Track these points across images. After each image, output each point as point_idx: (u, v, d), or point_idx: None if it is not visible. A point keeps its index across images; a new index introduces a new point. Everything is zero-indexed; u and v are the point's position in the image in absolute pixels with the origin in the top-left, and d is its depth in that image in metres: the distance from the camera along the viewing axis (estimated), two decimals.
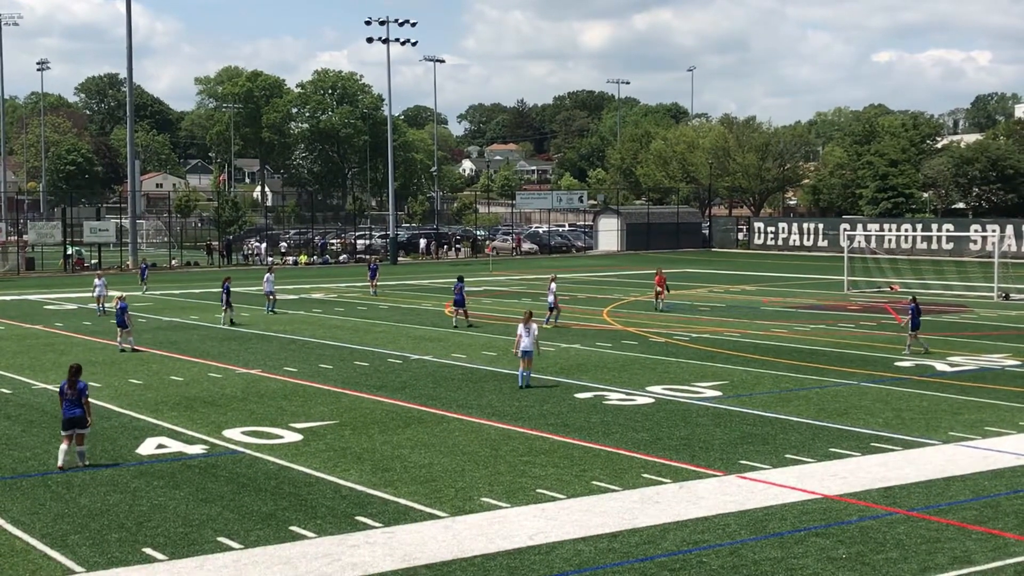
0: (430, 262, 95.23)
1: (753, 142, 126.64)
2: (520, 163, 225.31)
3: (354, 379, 30.36)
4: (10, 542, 16.12)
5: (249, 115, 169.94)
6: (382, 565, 15.04)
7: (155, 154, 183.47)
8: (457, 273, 47.07)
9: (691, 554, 15.42)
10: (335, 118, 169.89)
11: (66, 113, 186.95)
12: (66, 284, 69.52)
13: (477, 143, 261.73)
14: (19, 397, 28.11)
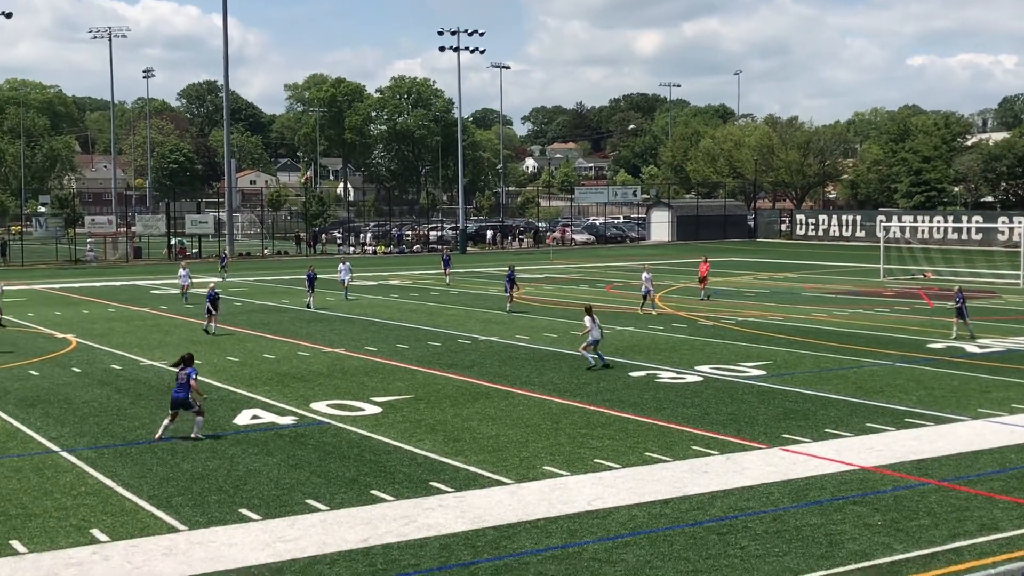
0: (496, 252, 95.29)
1: (795, 140, 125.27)
2: (579, 160, 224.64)
3: (428, 358, 30.49)
4: (120, 503, 16.39)
5: (333, 118, 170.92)
6: (454, 526, 15.12)
7: (249, 154, 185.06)
8: (514, 263, 46.94)
9: (737, 520, 15.36)
10: (410, 120, 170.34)
11: (169, 116, 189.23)
12: (170, 271, 70.38)
13: (539, 142, 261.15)
14: (128, 372, 28.53)
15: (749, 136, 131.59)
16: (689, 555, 13.90)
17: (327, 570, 13.46)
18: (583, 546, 14.29)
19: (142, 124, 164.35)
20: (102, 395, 25.25)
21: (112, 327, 38.59)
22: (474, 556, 13.94)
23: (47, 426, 21.79)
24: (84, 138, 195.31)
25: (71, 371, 28.77)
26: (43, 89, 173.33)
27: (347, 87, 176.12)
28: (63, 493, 16.92)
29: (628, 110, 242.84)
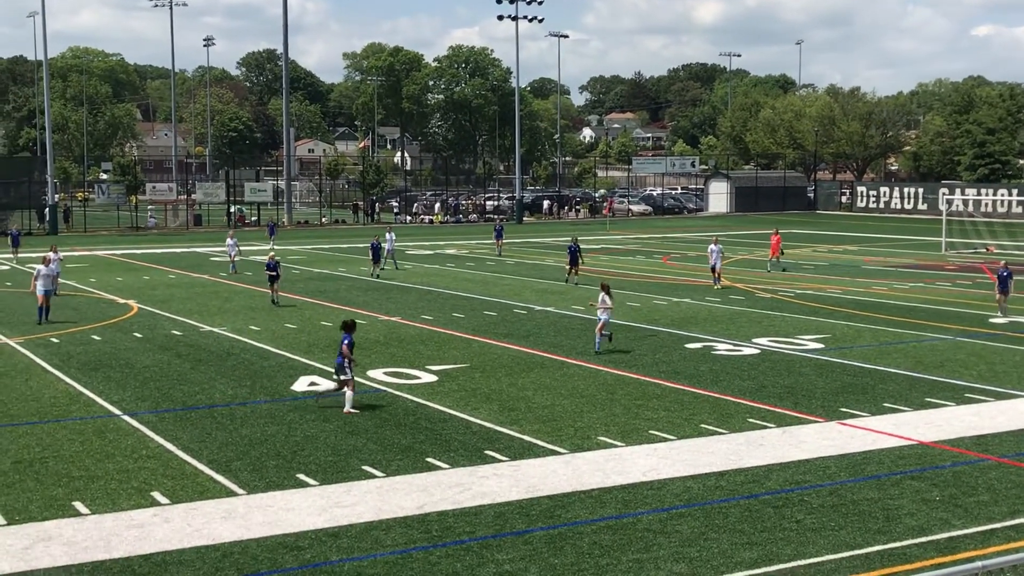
0: (552, 222, 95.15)
1: (857, 111, 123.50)
2: (636, 131, 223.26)
3: (483, 327, 30.57)
4: (181, 467, 16.65)
5: (391, 87, 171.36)
6: (509, 495, 15.20)
7: (307, 122, 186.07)
8: (577, 235, 46.44)
9: (793, 493, 15.29)
10: (468, 90, 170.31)
11: (229, 85, 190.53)
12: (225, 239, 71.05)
13: (597, 112, 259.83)
14: (188, 338, 28.90)
15: (810, 107, 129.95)
16: (744, 527, 13.87)
17: (383, 536, 13.60)
18: (637, 517, 14.31)
19: (202, 92, 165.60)
20: (162, 360, 25.61)
21: (172, 293, 39.09)
22: (528, 525, 14.01)
23: (109, 390, 22.16)
24: (145, 106, 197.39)
25: (132, 336, 29.20)
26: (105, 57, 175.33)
27: (405, 56, 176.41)
28: (125, 456, 17.21)
29: (687, 80, 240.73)
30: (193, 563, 12.69)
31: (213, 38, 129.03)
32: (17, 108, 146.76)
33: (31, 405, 20.85)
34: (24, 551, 13.05)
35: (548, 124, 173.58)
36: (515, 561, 12.74)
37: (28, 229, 75.28)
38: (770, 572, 12.42)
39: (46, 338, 28.70)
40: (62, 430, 18.88)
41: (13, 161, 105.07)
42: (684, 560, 12.75)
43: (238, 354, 26.42)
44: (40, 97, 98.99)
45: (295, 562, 12.73)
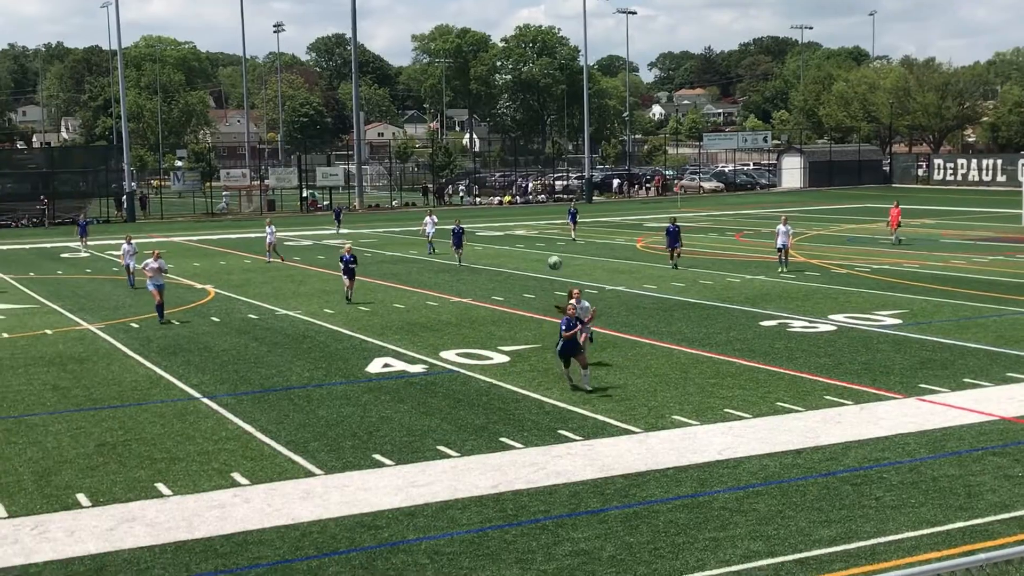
0: (622, 200, 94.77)
1: (932, 82, 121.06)
2: (707, 107, 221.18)
3: (554, 307, 30.53)
4: (259, 447, 16.91)
5: (458, 69, 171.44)
6: (583, 474, 15.22)
7: (376, 106, 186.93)
8: (676, 216, 45.38)
9: (872, 470, 15.12)
10: (535, 69, 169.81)
11: (299, 71, 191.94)
12: (302, 223, 71.88)
13: (666, 89, 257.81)
14: (264, 322, 29.28)
15: (884, 79, 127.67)
16: (822, 505, 13.75)
17: (459, 515, 13.70)
18: (713, 495, 14.25)
19: (273, 79, 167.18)
20: (240, 343, 25.98)
21: (248, 278, 39.61)
22: (603, 503, 14.02)
23: (188, 373, 22.54)
24: (217, 93, 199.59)
25: (210, 320, 29.66)
26: (177, 46, 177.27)
27: (472, 37, 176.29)
28: (205, 438, 17.51)
29: (758, 54, 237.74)
30: (273, 542, 12.90)
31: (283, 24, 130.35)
32: (93, 98, 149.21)
33: (113, 389, 21.30)
34: (109, 532, 13.35)
35: (617, 102, 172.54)
36: (591, 540, 12.77)
37: (106, 217, 76.78)
38: (849, 550, 12.31)
39: (126, 323, 29.27)
40: (144, 413, 19.26)
41: (90, 150, 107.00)
42: (761, 538, 12.69)
43: (313, 337, 26.72)
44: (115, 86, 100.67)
45: (373, 541, 12.88)
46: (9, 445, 17.30)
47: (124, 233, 42.81)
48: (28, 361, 24.28)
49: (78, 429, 18.19)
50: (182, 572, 12.11)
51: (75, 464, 16.18)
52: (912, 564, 11.31)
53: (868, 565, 11.81)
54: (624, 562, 12.10)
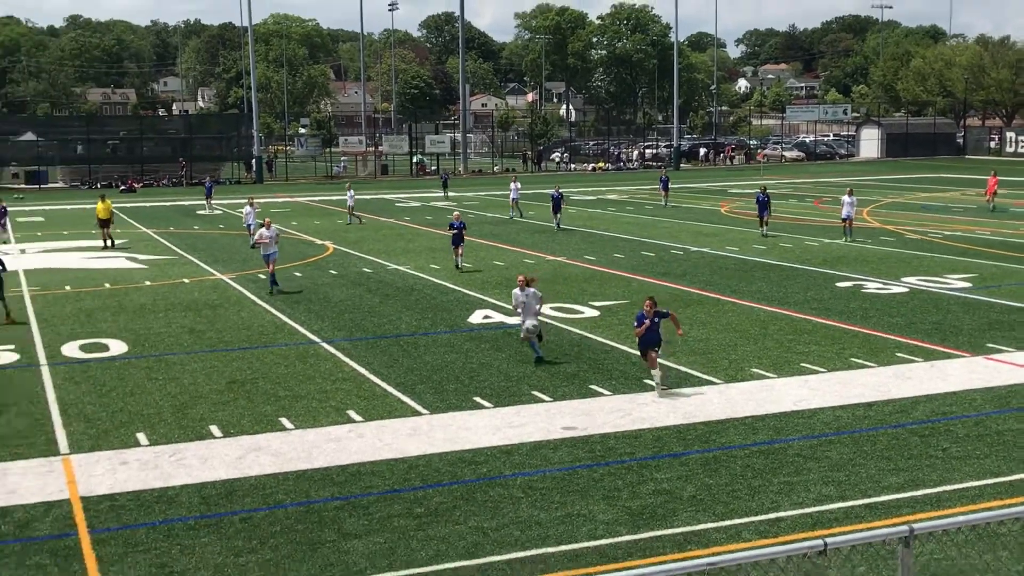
0: (708, 168, 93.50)
1: (1007, 59, 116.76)
2: (790, 81, 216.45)
3: (642, 267, 30.39)
4: (372, 388, 17.16)
5: (557, 44, 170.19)
6: (666, 420, 15.18)
7: (480, 79, 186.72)
8: (766, 184, 44.29)
9: (939, 423, 14.83)
10: (629, 45, 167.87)
11: (411, 46, 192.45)
12: (412, 186, 72.34)
13: (752, 64, 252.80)
14: (377, 275, 29.61)
15: (960, 56, 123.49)
16: (891, 454, 13.53)
17: (551, 454, 13.77)
18: (788, 443, 14.11)
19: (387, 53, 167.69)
20: (355, 294, 26.32)
21: (363, 235, 40.04)
22: (685, 448, 13.98)
23: (309, 320, 22.93)
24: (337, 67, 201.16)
25: (328, 273, 30.08)
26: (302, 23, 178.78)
27: (570, 15, 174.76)
28: (323, 378, 17.83)
29: (840, 31, 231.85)
30: (383, 474, 13.12)
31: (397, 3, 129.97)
32: (226, 70, 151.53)
33: (243, 333, 21.76)
34: (238, 460, 13.70)
35: (705, 76, 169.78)
36: (672, 480, 12.75)
37: (237, 178, 78.14)
38: (916, 496, 12.12)
39: (255, 274, 29.83)
40: (269, 355, 19.66)
41: (224, 117, 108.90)
42: (833, 484, 12.54)
43: (420, 289, 26.96)
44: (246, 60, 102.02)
45: (473, 475, 13.02)
46: (151, 381, 17.82)
47: (253, 193, 43.47)
48: (168, 306, 24.93)
49: (211, 368, 18.65)
50: (302, 497, 12.39)
51: (208, 399, 16.61)
52: (975, 511, 11.09)
53: (933, 511, 11.61)
54: (703, 502, 12.06)
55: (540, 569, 10.41)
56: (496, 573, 10.32)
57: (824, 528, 11.27)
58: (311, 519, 11.73)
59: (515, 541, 11.06)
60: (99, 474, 13.25)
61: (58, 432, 15.00)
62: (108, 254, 35.15)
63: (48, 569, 10.57)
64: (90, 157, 75.80)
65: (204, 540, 11.22)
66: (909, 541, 6.34)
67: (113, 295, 26.70)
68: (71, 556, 10.87)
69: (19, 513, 12.02)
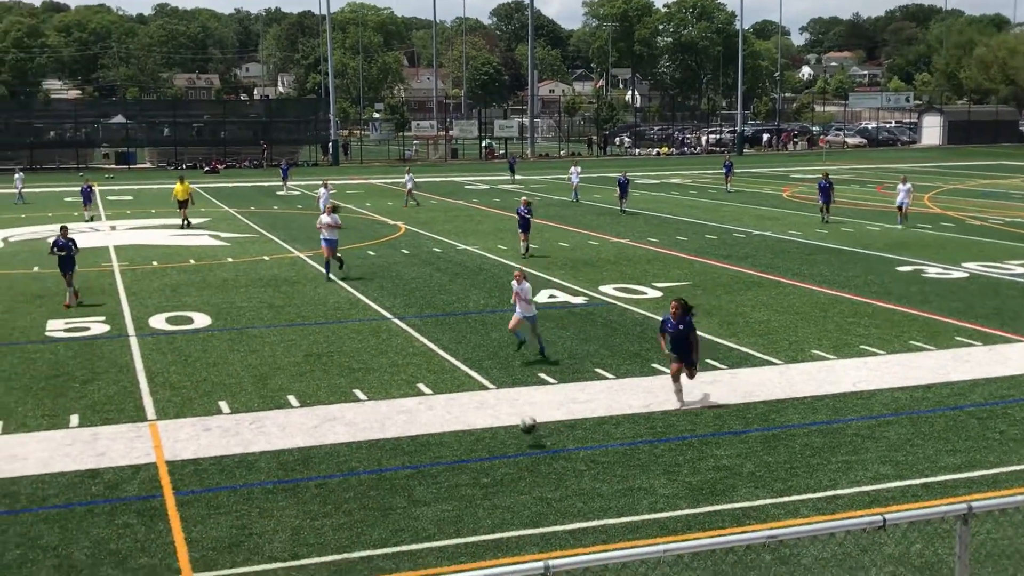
0: (771, 153, 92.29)
1: None
2: (853, 68, 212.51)
3: (704, 249, 30.15)
4: (441, 363, 17.27)
5: (624, 32, 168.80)
6: (727, 398, 15.07)
7: (548, 66, 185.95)
8: (827, 171, 43.65)
9: (997, 406, 14.54)
10: (694, 32, 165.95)
11: (481, 34, 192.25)
12: (481, 169, 72.42)
13: (815, 51, 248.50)
14: (446, 255, 29.74)
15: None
16: (949, 436, 13.31)
17: (613, 429, 13.76)
18: (847, 423, 13.94)
19: (459, 40, 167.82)
20: (425, 273, 26.47)
21: (433, 216, 40.21)
22: (745, 426, 13.88)
23: (382, 297, 23.12)
24: (411, 54, 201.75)
25: (400, 252, 30.28)
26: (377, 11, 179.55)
27: (637, 3, 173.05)
28: (395, 352, 17.98)
29: (903, 20, 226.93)
30: (451, 444, 13.21)
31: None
32: (305, 57, 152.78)
33: (319, 308, 22.02)
34: (314, 428, 13.89)
35: (769, 63, 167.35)
36: (732, 457, 12.67)
37: (314, 160, 78.87)
38: (972, 477, 11.91)
39: None
40: (344, 330, 19.87)
41: (302, 102, 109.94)
42: (891, 463, 12.37)
43: (488, 269, 27.02)
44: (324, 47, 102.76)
45: (536, 447, 13.05)
46: (232, 352, 18.12)
47: (329, 175, 43.83)
48: (248, 282, 25.30)
49: (289, 341, 18.91)
50: (374, 466, 12.53)
51: (286, 370, 16.84)
52: None
53: (990, 492, 11.40)
54: (762, 478, 11.98)
55: (601, 539, 10.43)
56: (559, 542, 10.36)
57: (881, 506, 11.13)
58: (383, 486, 11.87)
59: (577, 512, 11.09)
60: (183, 439, 13.52)
61: (145, 399, 15.33)
62: (192, 231, 35.73)
63: (135, 528, 10.83)
64: (176, 139, 77.10)
65: (282, 504, 11.41)
66: (967, 519, 6.25)
67: (197, 271, 27.17)
68: (156, 516, 11.13)
69: (109, 475, 12.32)
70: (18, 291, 24.27)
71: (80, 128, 77.13)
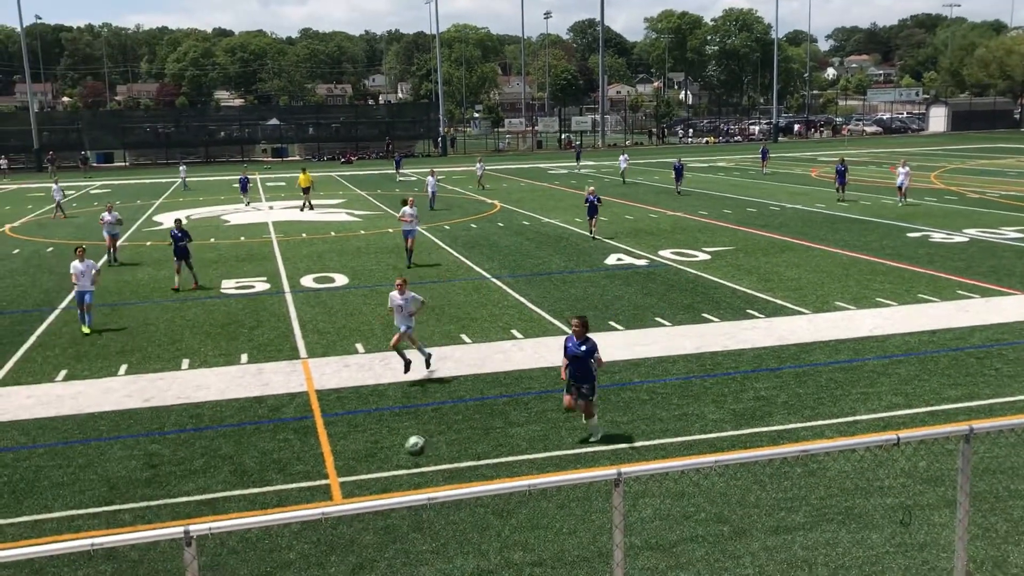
0: (800, 141, 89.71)
1: None
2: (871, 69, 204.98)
3: (746, 220, 29.54)
4: (530, 313, 17.30)
5: (678, 42, 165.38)
6: (764, 342, 14.82)
7: (616, 71, 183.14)
8: (845, 156, 42.49)
9: (993, 348, 14.03)
10: (736, 42, 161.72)
11: (561, 46, 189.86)
12: (559, 157, 71.88)
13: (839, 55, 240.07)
14: (533, 227, 29.66)
15: (1020, 45, 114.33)
16: (951, 372, 12.90)
17: (671, 367, 13.64)
18: (865, 362, 13.60)
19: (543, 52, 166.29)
20: (517, 242, 26.47)
21: (523, 196, 40.13)
22: (780, 364, 13.64)
23: (482, 261, 23.20)
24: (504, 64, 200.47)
25: (496, 225, 30.31)
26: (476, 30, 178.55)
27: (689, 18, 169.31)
28: (493, 305, 18.06)
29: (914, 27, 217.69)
30: (539, 378, 13.25)
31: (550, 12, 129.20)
32: (419, 68, 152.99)
33: (434, 270, 22.20)
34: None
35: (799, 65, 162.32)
36: (769, 389, 12.47)
37: (427, 152, 79.25)
38: (971, 406, 11.54)
39: (441, 226, 30.30)
40: (453, 287, 20.02)
41: (417, 105, 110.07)
42: (901, 395, 12.05)
43: (567, 238, 26.89)
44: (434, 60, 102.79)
45: (608, 381, 13.02)
46: (365, 305, 18.40)
47: (436, 164, 43.95)
48: (376, 250, 25.61)
49: None
50: (478, 394, 12.64)
51: None
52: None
53: (986, 418, 11.03)
54: (794, 407, 11.78)
55: (661, 455, 10.39)
56: (626, 457, 10.35)
57: (893, 430, 10.86)
58: (484, 411, 11.98)
59: (641, 433, 11.05)
60: (328, 373, 13.81)
61: (298, 342, 15.68)
62: (331, 210, 36.24)
63: (292, 442, 11.13)
64: (319, 136, 78.08)
65: (405, 424, 11.60)
66: (969, 438, 6.06)
67: (337, 241, 27.60)
68: (309, 433, 11.42)
69: (271, 401, 12.67)
70: (198, 257, 24.96)
71: (244, 129, 78.65)
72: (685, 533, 8.44)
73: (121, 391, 13.18)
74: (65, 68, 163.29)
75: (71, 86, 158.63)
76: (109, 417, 12.11)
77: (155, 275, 22.26)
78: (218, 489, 9.76)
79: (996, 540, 8.20)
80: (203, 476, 10.15)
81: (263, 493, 9.65)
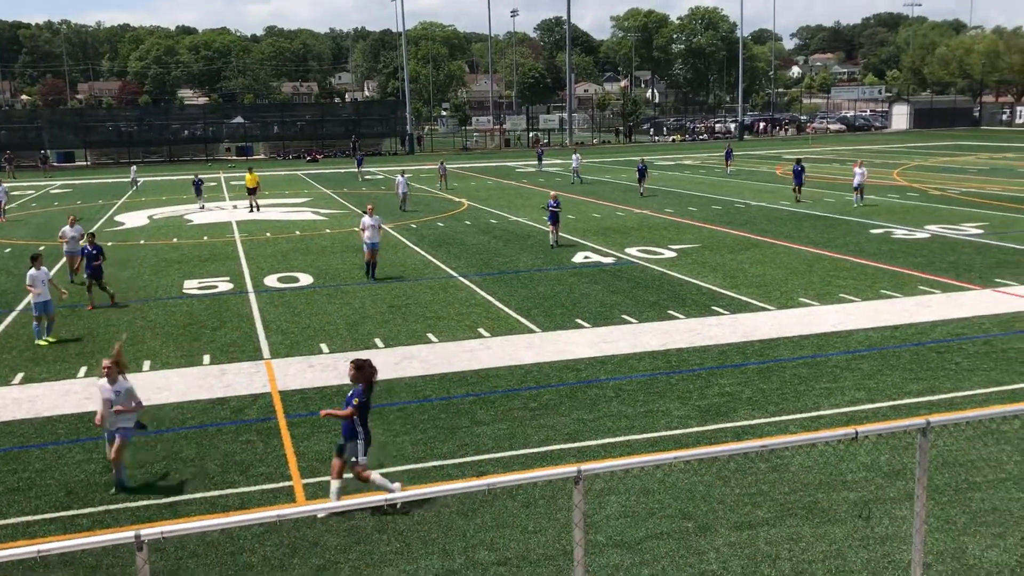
0: (766, 139, 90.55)
1: (1019, 46, 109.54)
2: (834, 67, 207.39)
3: (711, 217, 29.74)
4: (497, 312, 17.26)
5: (644, 40, 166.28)
6: (729, 338, 14.92)
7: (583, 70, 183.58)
8: (801, 157, 42.98)
9: (953, 343, 14.23)
10: (702, 40, 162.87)
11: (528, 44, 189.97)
12: (527, 156, 71.89)
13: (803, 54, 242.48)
14: (501, 225, 29.64)
15: (978, 44, 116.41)
16: (913, 367, 13.07)
17: (637, 363, 13.68)
18: (828, 357, 13.74)
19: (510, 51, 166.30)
20: (484, 240, 26.43)
21: (490, 194, 40.09)
22: (744, 360, 13.73)
23: (449, 259, 23.14)
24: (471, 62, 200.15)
25: (464, 223, 30.24)
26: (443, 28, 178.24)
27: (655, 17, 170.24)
28: (460, 303, 18.01)
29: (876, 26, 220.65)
30: (506, 376, 13.23)
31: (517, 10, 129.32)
32: (386, 66, 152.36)
33: (399, 268, 22.09)
34: (395, 364, 13.98)
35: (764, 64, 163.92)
36: (733, 385, 12.55)
37: (394, 150, 78.87)
38: (933, 400, 11.69)
39: (407, 224, 30.18)
40: (419, 285, 19.94)
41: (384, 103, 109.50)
42: (864, 389, 12.19)
43: (534, 236, 26.90)
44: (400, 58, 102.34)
45: (575, 379, 13.04)
46: (330, 304, 18.27)
47: (405, 163, 43.76)
48: (342, 248, 25.44)
49: (376, 295, 19.01)
50: (444, 394, 12.60)
51: (374, 318, 16.95)
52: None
53: (947, 412, 11.19)
54: (758, 402, 11.86)
55: (627, 452, 10.41)
56: (592, 454, 10.36)
57: (856, 424, 10.96)
58: (450, 410, 11.93)
59: (607, 430, 11.07)
60: (292, 374, 13.69)
61: (262, 342, 15.53)
62: (296, 208, 35.95)
63: (255, 444, 11.01)
64: (284, 135, 77.45)
65: (371, 424, 11.50)
66: (926, 431, 6.13)
67: (302, 240, 27.38)
68: (272, 434, 11.30)
69: (234, 402, 12.52)
70: (161, 257, 24.67)
71: (208, 127, 77.78)
72: (650, 530, 8.47)
73: (81, 393, 12.97)
74: (23, 65, 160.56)
75: (30, 84, 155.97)
76: (68, 420, 11.91)
77: (118, 275, 21.92)
78: (179, 492, 9.62)
79: (954, 532, 8.32)
80: (164, 479, 10.01)
81: (224, 496, 9.53)
